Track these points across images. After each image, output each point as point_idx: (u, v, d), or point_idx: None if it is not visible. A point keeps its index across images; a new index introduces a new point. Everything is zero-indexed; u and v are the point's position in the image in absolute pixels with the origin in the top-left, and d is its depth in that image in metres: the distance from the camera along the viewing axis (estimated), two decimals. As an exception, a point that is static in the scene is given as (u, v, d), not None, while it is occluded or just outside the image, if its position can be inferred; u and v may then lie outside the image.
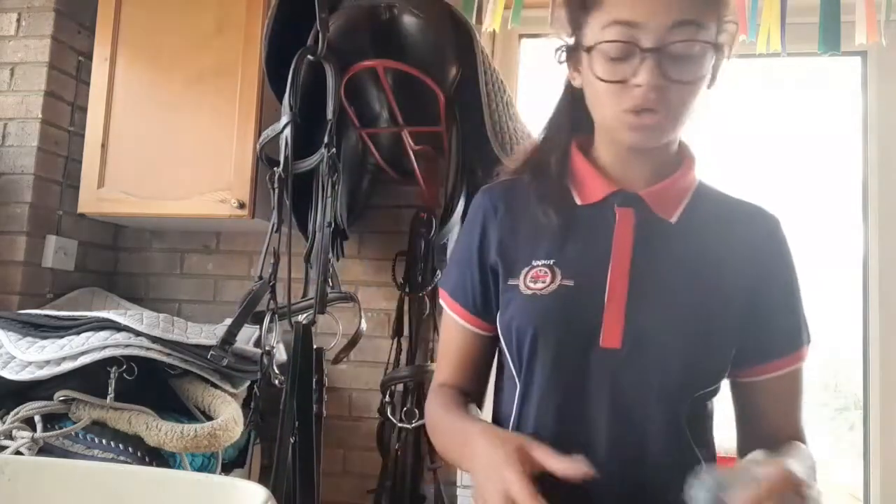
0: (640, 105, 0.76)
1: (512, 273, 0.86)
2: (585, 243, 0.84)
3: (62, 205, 1.88)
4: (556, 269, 0.83)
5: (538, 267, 0.84)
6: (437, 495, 1.70)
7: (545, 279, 0.83)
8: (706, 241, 0.85)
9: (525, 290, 0.84)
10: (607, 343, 0.80)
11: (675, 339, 0.79)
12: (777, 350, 0.87)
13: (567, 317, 0.81)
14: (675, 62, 0.75)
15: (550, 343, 0.82)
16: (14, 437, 1.31)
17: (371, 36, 1.43)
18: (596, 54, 0.78)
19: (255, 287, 1.32)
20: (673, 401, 0.80)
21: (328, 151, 1.33)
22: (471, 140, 1.55)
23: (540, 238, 0.86)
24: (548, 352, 0.82)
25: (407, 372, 1.68)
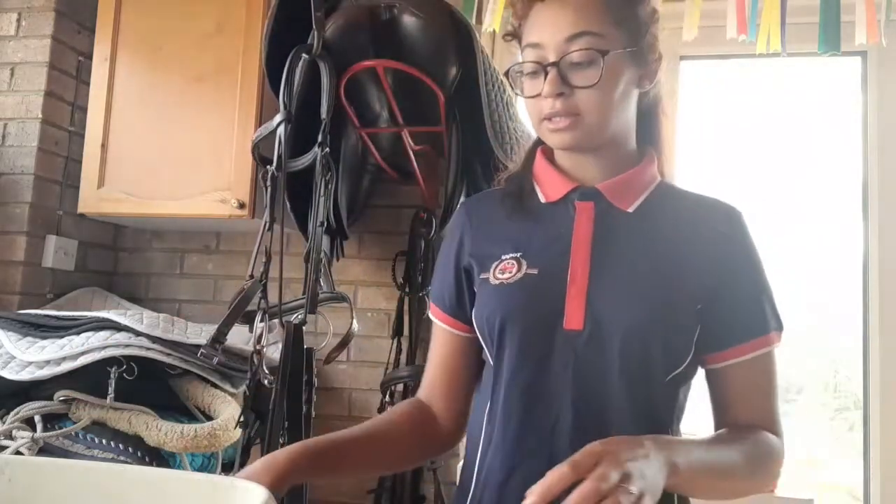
0: (548, 113, 0.85)
1: (483, 268, 0.93)
2: (549, 236, 0.91)
3: (62, 205, 1.88)
4: (523, 260, 0.90)
5: (506, 260, 0.91)
6: (437, 495, 1.70)
7: (511, 270, 0.89)
8: (664, 228, 0.90)
9: (494, 280, 0.91)
10: (570, 325, 0.85)
11: (633, 320, 0.84)
12: (741, 334, 0.89)
13: (532, 302, 0.88)
14: (575, 70, 0.84)
15: (517, 327, 0.88)
16: (14, 437, 1.31)
17: (371, 36, 1.43)
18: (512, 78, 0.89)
19: (245, 286, 1.31)
20: (636, 381, 0.84)
21: (322, 150, 1.33)
22: (471, 140, 1.55)
23: (509, 236, 0.93)
24: (515, 335, 0.88)
25: (407, 372, 1.68)
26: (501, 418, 0.88)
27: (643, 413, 0.85)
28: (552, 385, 0.86)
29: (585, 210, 0.90)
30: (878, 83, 1.93)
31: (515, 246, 0.92)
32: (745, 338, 0.89)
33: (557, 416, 0.85)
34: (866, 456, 1.87)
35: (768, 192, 2.05)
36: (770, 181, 2.07)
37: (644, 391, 0.85)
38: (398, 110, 1.55)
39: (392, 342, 1.79)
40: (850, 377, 2.11)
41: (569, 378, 0.85)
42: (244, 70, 1.77)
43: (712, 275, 0.88)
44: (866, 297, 1.90)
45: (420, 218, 1.78)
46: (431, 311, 1.02)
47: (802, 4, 1.76)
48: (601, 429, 0.81)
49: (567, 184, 0.92)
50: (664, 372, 0.86)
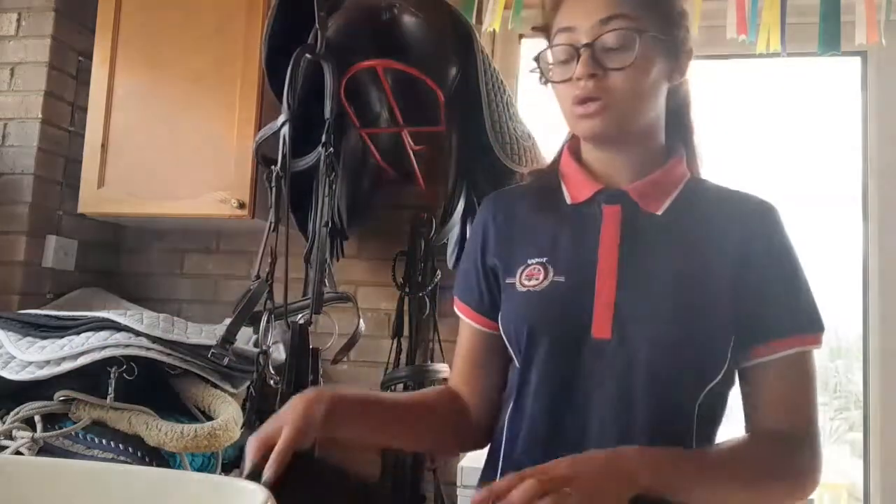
0: (580, 95, 0.83)
1: (509, 272, 0.91)
2: (575, 241, 0.89)
3: (62, 205, 1.88)
4: (549, 266, 0.88)
5: (532, 265, 0.89)
6: (437, 495, 1.70)
7: (538, 276, 0.88)
8: (695, 230, 0.87)
9: (520, 287, 0.89)
10: (598, 334, 0.84)
11: (663, 329, 0.82)
12: (775, 330, 0.85)
13: (560, 311, 0.86)
14: (609, 53, 0.82)
15: (545, 336, 0.86)
16: (14, 437, 1.31)
17: (371, 36, 1.43)
18: (542, 65, 0.88)
19: (252, 287, 1.32)
20: (665, 392, 0.82)
21: (326, 151, 1.33)
22: (471, 140, 1.55)
23: (534, 238, 0.91)
24: (543, 344, 0.86)
25: (407, 372, 1.68)
26: (529, 424, 0.87)
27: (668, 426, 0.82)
28: (580, 395, 0.84)
29: (612, 214, 0.88)
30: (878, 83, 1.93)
31: (541, 250, 0.90)
32: (779, 334, 0.85)
33: (584, 427, 0.83)
34: (866, 456, 1.87)
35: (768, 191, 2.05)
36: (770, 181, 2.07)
37: (671, 403, 0.82)
38: (398, 110, 1.55)
39: (392, 342, 1.79)
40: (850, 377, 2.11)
41: (596, 388, 0.83)
42: (244, 70, 1.77)
43: (743, 276, 0.85)
44: (866, 298, 1.90)
45: (420, 218, 1.78)
46: (458, 307, 1.00)
47: (802, 4, 1.76)
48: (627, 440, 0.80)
49: (593, 184, 0.90)
50: (697, 384, 0.83)
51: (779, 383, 0.85)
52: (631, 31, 0.82)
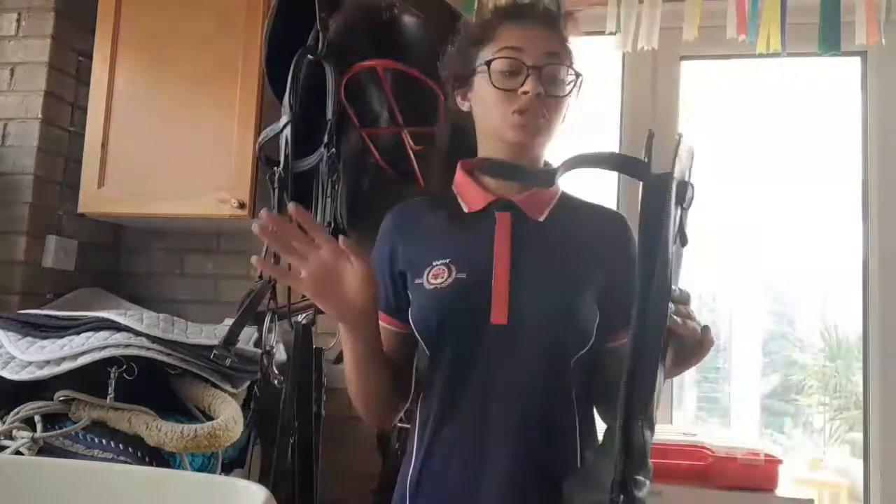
0: (525, 107, 0.99)
1: (417, 274, 1.05)
2: (474, 243, 1.04)
3: (62, 205, 1.88)
4: (452, 265, 1.02)
5: (437, 266, 1.03)
6: (437, 495, 1.70)
7: (443, 275, 1.02)
8: (568, 234, 1.05)
9: (428, 285, 1.03)
10: (496, 320, 0.99)
11: (548, 312, 0.99)
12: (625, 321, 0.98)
13: (463, 302, 1.01)
14: (548, 81, 1.00)
15: (451, 324, 1.01)
16: (14, 437, 1.31)
17: (371, 36, 1.43)
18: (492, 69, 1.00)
19: (255, 287, 1.32)
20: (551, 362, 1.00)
21: (328, 151, 1.33)
22: (471, 140, 1.55)
23: (438, 243, 1.06)
24: (450, 332, 1.02)
25: (407, 372, 1.68)
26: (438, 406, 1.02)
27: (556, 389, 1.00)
28: (484, 371, 1.00)
29: (504, 220, 1.04)
30: (878, 83, 1.93)
31: (444, 252, 1.04)
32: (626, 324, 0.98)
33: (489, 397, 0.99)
34: (866, 456, 1.87)
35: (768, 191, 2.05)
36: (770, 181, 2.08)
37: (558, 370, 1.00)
38: (398, 110, 1.55)
39: (392, 342, 1.78)
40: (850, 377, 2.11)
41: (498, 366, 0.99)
42: (244, 70, 1.77)
43: (607, 272, 1.03)
44: (866, 297, 1.90)
45: (420, 218, 1.78)
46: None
47: (802, 4, 1.76)
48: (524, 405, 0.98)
49: (487, 195, 1.06)
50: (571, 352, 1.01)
51: None
52: (567, 68, 1.02)
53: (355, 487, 1.77)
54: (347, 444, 1.84)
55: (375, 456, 1.71)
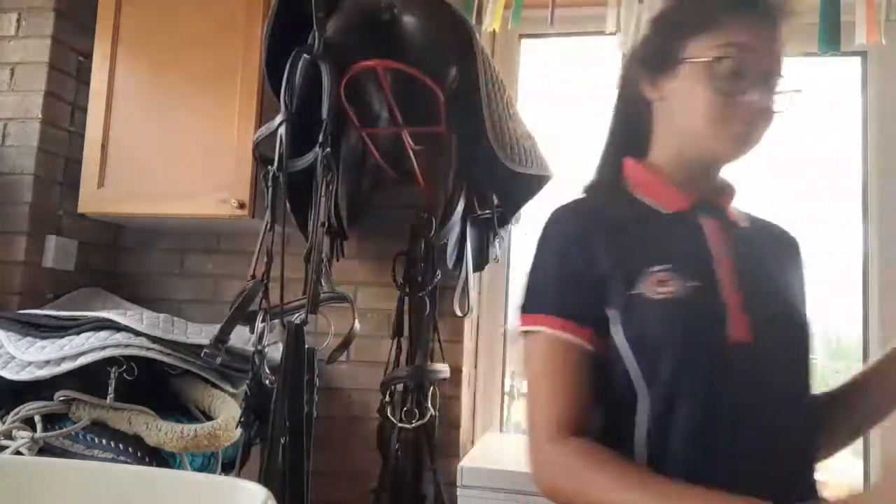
0: (748, 118, 0.86)
1: (628, 282, 0.86)
2: (688, 249, 0.90)
3: (62, 205, 1.88)
4: (675, 273, 0.85)
5: (657, 273, 0.86)
6: (437, 495, 1.70)
7: (670, 284, 0.85)
8: (768, 242, 0.97)
9: (653, 295, 0.85)
10: (737, 338, 0.84)
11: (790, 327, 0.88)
12: None
13: (700, 317, 0.84)
14: (772, 90, 0.87)
15: (687, 342, 0.83)
16: (14, 437, 1.31)
17: (371, 36, 1.43)
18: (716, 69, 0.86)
19: (248, 286, 1.31)
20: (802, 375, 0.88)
21: (323, 151, 1.33)
22: (471, 140, 1.55)
23: (645, 246, 0.89)
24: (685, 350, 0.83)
25: (407, 372, 1.68)
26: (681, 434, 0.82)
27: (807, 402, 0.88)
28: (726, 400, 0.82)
29: (713, 224, 0.92)
30: (878, 83, 1.93)
31: (659, 257, 0.87)
32: None
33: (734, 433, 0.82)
34: (866, 456, 1.87)
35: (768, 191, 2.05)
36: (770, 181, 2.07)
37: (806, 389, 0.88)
38: (398, 110, 1.55)
39: (392, 342, 1.78)
40: (850, 377, 2.11)
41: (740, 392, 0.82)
42: (244, 70, 1.77)
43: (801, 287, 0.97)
44: (866, 297, 1.90)
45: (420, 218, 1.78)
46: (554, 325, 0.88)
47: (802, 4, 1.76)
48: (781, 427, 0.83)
49: (687, 196, 0.93)
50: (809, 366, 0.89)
51: None
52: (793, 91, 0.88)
53: (355, 487, 1.78)
54: (347, 444, 1.84)
55: (375, 456, 1.71)
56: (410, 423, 1.64)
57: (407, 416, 1.64)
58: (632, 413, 0.85)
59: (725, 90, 0.85)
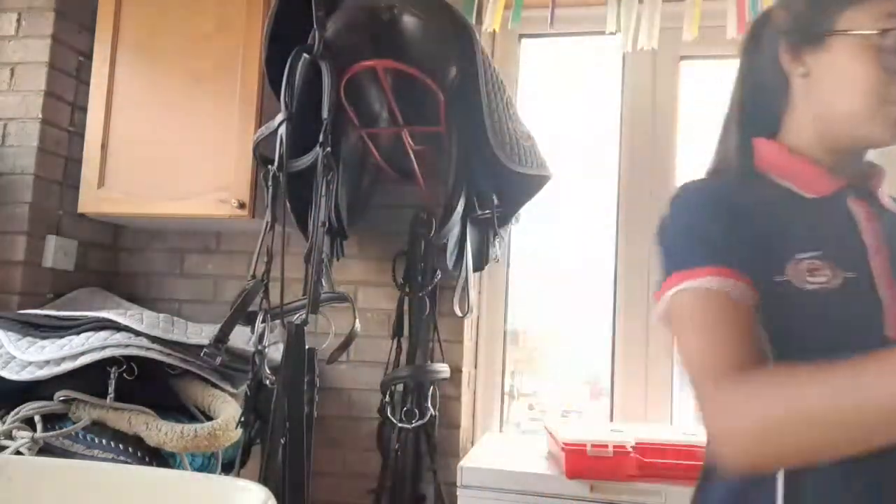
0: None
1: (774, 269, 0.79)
2: (839, 236, 0.82)
3: (62, 205, 1.88)
4: (827, 261, 0.78)
5: (807, 259, 0.78)
6: (437, 495, 1.70)
7: (824, 272, 0.78)
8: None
9: (804, 284, 0.78)
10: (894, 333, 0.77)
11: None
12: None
13: (856, 309, 0.78)
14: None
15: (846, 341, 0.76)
16: (14, 437, 1.31)
17: (371, 36, 1.43)
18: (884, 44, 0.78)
19: (248, 286, 1.31)
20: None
21: (323, 150, 1.33)
22: (471, 140, 1.55)
23: (788, 231, 0.82)
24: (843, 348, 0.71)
25: (407, 372, 1.68)
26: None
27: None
28: None
29: (864, 209, 0.84)
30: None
31: (804, 245, 0.79)
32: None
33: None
34: (866, 456, 1.86)
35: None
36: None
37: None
38: (398, 110, 1.55)
39: (392, 342, 1.79)
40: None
41: None
42: (244, 70, 1.77)
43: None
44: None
45: (420, 218, 1.78)
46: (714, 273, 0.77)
47: (802, 4, 1.76)
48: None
49: (834, 180, 0.84)
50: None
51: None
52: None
53: (355, 487, 1.78)
54: (347, 444, 1.84)
55: (375, 456, 1.71)
56: (410, 423, 1.64)
57: (407, 416, 1.65)
58: None
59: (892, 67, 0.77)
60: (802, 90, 0.86)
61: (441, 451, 1.74)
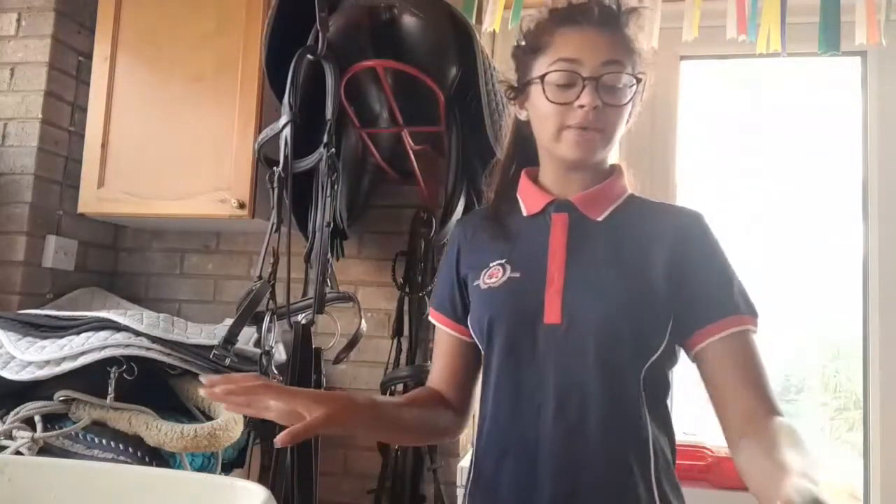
0: (582, 122, 0.95)
1: (476, 277, 1.04)
2: (529, 244, 1.02)
3: (62, 205, 1.88)
4: (507, 265, 1.01)
5: (493, 267, 1.03)
6: (437, 495, 1.70)
7: (497, 275, 1.01)
8: (631, 233, 1.00)
9: (483, 286, 1.02)
10: (550, 319, 0.96)
11: (604, 313, 0.94)
12: (711, 315, 0.95)
13: (516, 301, 0.99)
14: (606, 90, 0.95)
15: (504, 324, 0.98)
16: (14, 437, 1.31)
17: (371, 36, 1.43)
18: (546, 83, 0.96)
19: (255, 287, 1.31)
20: (610, 368, 0.93)
21: (327, 151, 1.33)
22: (470, 140, 1.55)
23: (496, 246, 1.05)
24: (502, 331, 0.99)
25: (407, 372, 1.68)
26: (493, 406, 1.00)
27: (619, 397, 0.93)
28: (536, 374, 0.96)
29: (560, 220, 1.02)
30: (878, 83, 1.93)
31: (500, 254, 1.03)
32: (715, 318, 0.95)
33: (541, 403, 0.95)
34: (866, 456, 1.87)
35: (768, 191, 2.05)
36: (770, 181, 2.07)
37: (618, 377, 0.94)
38: (398, 110, 1.55)
39: (392, 342, 1.79)
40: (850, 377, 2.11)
41: (550, 367, 0.95)
42: (244, 70, 1.77)
43: (676, 268, 0.97)
44: (866, 297, 1.90)
45: (420, 218, 1.78)
46: (433, 316, 1.13)
47: (802, 4, 1.76)
48: (581, 413, 0.93)
49: (545, 197, 1.04)
50: (638, 358, 0.94)
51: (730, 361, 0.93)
52: (627, 76, 0.96)
53: (355, 487, 1.78)
54: (347, 444, 1.84)
55: (375, 456, 1.71)
56: (410, 423, 1.63)
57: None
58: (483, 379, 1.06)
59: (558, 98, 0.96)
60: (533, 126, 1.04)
61: (441, 451, 1.74)
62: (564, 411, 0.93)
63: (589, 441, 0.92)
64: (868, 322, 1.89)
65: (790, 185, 2.06)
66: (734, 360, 0.93)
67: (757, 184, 2.05)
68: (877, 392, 1.84)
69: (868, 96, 1.95)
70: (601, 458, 0.92)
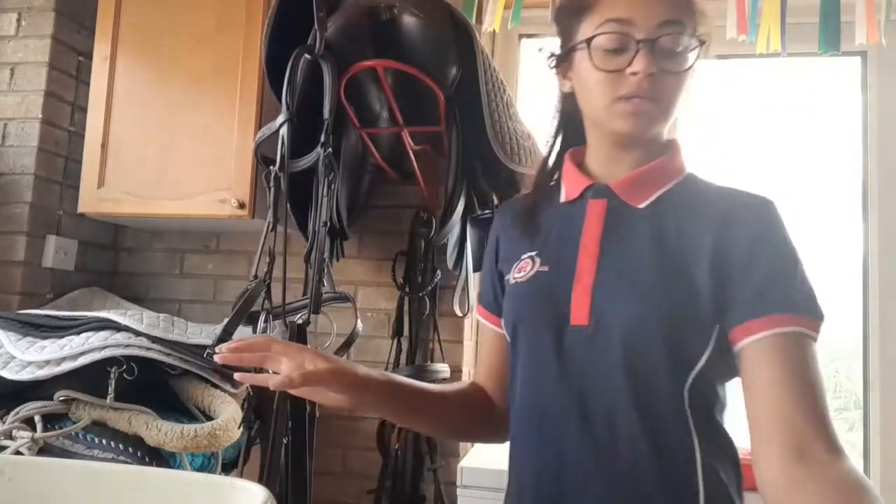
0: (634, 92, 0.83)
1: (509, 270, 0.96)
2: (563, 234, 0.92)
3: (62, 205, 1.88)
4: (537, 258, 0.92)
5: (524, 259, 0.93)
6: (437, 495, 1.70)
7: (526, 268, 0.92)
8: (676, 223, 0.86)
9: (512, 280, 0.94)
10: (576, 321, 0.85)
11: (635, 317, 0.82)
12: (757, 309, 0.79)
13: (541, 298, 0.89)
14: (664, 55, 0.83)
15: (528, 323, 0.90)
16: (14, 437, 1.31)
17: (371, 36, 1.43)
18: (593, 48, 0.85)
19: (250, 286, 1.31)
20: (641, 377, 0.81)
21: (325, 151, 1.33)
22: (471, 140, 1.55)
23: (531, 236, 0.95)
24: (527, 331, 0.90)
25: (407, 372, 1.68)
26: (518, 407, 0.91)
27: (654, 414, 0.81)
28: (563, 380, 0.85)
29: (597, 207, 0.90)
30: (878, 83, 1.93)
31: (532, 245, 0.94)
32: (764, 312, 0.78)
33: (567, 409, 0.84)
34: (866, 456, 1.87)
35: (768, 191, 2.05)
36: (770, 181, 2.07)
37: (652, 390, 0.80)
38: (398, 110, 1.55)
39: (392, 342, 1.79)
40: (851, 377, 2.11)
41: (576, 375, 0.84)
42: (244, 70, 1.77)
43: (721, 260, 0.82)
44: (866, 297, 1.90)
45: (420, 218, 1.78)
46: (479, 312, 1.06)
47: (802, 4, 1.76)
48: (611, 434, 0.81)
49: (584, 181, 0.93)
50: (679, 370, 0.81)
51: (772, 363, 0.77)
52: (687, 37, 0.84)
53: (354, 487, 1.78)
54: (347, 444, 1.84)
55: (375, 456, 1.71)
56: (410, 423, 1.63)
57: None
58: None
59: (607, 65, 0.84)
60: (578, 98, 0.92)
61: (441, 451, 1.74)
62: (590, 419, 0.82)
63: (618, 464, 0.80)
64: (868, 322, 1.89)
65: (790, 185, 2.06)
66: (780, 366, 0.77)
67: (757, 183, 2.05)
68: (877, 392, 1.84)
69: (868, 96, 1.95)
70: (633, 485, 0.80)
